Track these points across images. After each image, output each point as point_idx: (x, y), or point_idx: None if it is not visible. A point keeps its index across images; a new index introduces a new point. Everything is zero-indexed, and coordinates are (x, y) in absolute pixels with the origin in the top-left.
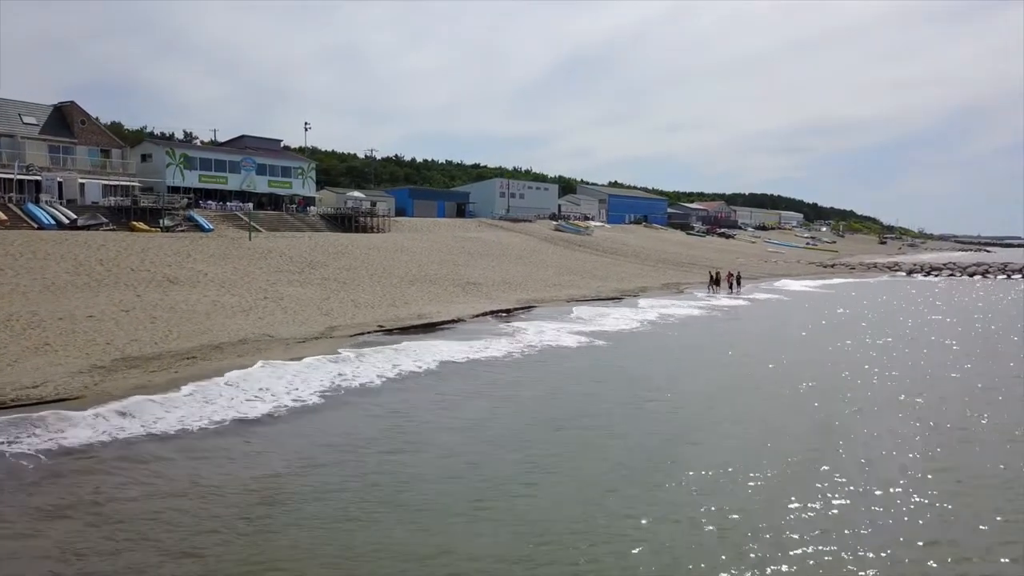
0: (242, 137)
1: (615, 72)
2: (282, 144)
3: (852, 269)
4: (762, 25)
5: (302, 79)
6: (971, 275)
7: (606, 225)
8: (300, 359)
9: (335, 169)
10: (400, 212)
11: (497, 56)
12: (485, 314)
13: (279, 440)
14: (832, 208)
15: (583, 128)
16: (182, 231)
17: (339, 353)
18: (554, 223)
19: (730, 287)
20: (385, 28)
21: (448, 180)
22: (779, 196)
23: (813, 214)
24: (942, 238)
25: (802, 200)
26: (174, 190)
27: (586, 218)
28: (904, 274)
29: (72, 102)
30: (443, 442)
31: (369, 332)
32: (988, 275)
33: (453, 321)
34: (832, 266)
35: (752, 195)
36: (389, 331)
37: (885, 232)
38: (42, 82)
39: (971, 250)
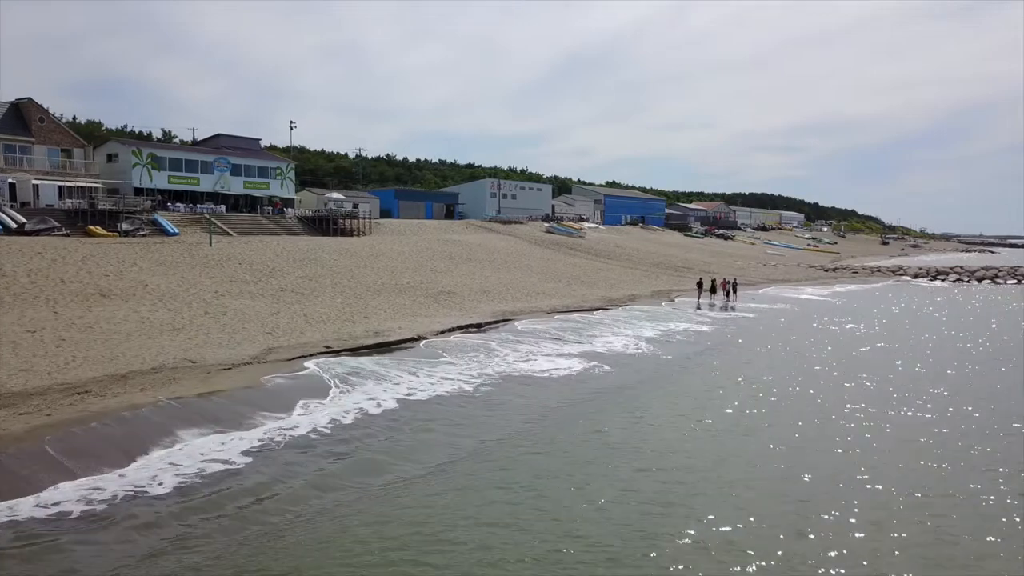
0: (217, 136)
1: (615, 71)
2: (263, 143)
3: (855, 273)
4: (762, 24)
5: (301, 78)
6: (979, 280)
7: (601, 226)
8: (212, 393)
9: (322, 169)
10: (386, 214)
11: (497, 55)
12: (452, 330)
13: (138, 523)
14: (833, 207)
15: (582, 127)
16: (143, 235)
17: (263, 384)
18: (546, 225)
19: (727, 295)
20: (384, 26)
21: (440, 180)
22: (779, 196)
23: (814, 214)
24: (944, 237)
25: (803, 199)
26: (143, 192)
27: (580, 219)
28: (909, 278)
29: (30, 99)
30: (328, 532)
31: (312, 355)
32: (998, 280)
33: (413, 339)
34: (834, 270)
35: (752, 195)
36: (336, 352)
37: (887, 232)
38: (38, 81)
39: (975, 251)
